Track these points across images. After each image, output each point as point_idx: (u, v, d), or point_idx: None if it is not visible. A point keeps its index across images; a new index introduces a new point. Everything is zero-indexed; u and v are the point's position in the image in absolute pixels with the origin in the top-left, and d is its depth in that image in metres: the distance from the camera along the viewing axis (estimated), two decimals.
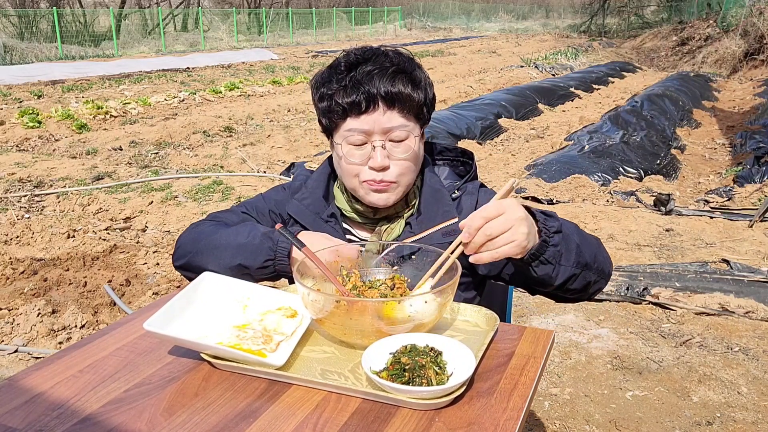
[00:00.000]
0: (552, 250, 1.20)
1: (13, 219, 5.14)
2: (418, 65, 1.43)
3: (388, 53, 1.40)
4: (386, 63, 1.36)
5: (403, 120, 1.35)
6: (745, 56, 16.73)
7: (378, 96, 1.32)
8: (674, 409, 2.88)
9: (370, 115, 1.33)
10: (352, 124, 1.35)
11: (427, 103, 1.41)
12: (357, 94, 1.32)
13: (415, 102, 1.37)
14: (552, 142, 8.12)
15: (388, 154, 1.36)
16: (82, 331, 3.49)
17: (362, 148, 1.37)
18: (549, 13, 51.09)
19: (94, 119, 9.26)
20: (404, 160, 1.37)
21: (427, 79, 1.42)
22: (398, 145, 1.36)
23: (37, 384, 1.04)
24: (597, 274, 1.31)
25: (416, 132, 1.39)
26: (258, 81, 13.67)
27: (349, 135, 1.36)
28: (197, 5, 31.44)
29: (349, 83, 1.33)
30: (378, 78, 1.32)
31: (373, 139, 1.35)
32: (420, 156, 1.45)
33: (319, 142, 8.20)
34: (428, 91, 1.41)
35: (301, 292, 1.14)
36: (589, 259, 1.28)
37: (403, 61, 1.39)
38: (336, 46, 26.77)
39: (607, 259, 1.35)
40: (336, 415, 0.95)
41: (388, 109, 1.34)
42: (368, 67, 1.34)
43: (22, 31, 21.72)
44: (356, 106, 1.33)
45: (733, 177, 6.61)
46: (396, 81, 1.33)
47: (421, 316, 1.11)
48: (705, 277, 4.04)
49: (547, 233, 1.19)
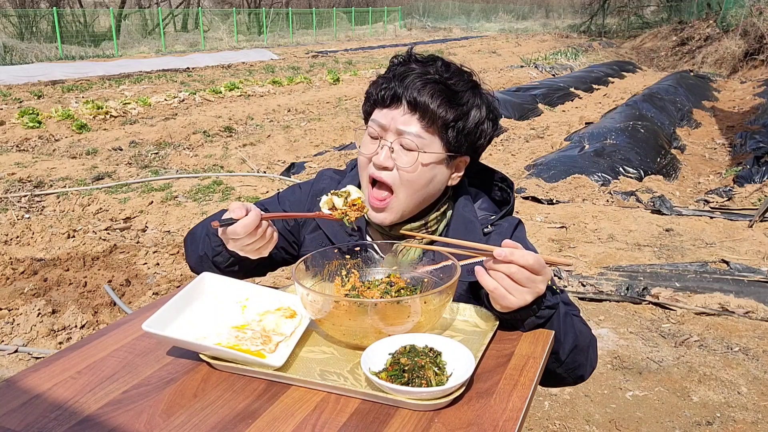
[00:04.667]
0: (533, 320, 1.19)
1: (13, 219, 5.13)
2: (478, 93, 1.34)
3: (443, 65, 1.33)
4: (431, 70, 1.30)
5: (420, 129, 1.29)
6: (745, 56, 16.73)
7: (403, 96, 1.29)
8: (674, 409, 2.87)
9: (391, 111, 1.31)
10: (376, 115, 1.34)
11: (458, 127, 1.30)
12: (388, 86, 1.31)
13: (440, 118, 1.28)
14: (552, 142, 8.12)
15: (395, 158, 1.30)
16: (82, 331, 3.48)
17: (375, 142, 1.33)
18: (549, 13, 51.08)
19: (94, 119, 9.26)
20: (405, 172, 1.30)
21: (477, 109, 1.32)
22: (406, 153, 1.30)
23: (36, 385, 1.04)
24: (564, 370, 1.28)
25: (432, 149, 1.30)
26: (258, 81, 13.67)
27: (371, 125, 1.34)
28: (197, 5, 31.44)
29: (390, 75, 1.33)
30: (412, 80, 1.28)
31: (386, 137, 1.31)
32: (433, 183, 1.34)
33: (319, 142, 8.20)
34: (469, 118, 1.31)
35: (300, 293, 1.14)
36: (562, 354, 1.24)
37: (454, 76, 1.31)
38: (336, 47, 26.77)
39: (583, 365, 1.30)
40: (335, 415, 0.95)
41: (408, 112, 1.29)
42: (413, 66, 1.32)
43: (22, 31, 21.72)
44: (382, 98, 1.32)
45: (733, 177, 6.61)
46: (426, 89, 1.27)
47: (420, 317, 1.11)
48: (705, 277, 4.04)
49: (540, 305, 1.17)
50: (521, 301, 1.13)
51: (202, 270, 1.39)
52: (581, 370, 1.31)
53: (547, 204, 5.66)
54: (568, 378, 1.31)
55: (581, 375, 1.32)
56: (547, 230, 4.97)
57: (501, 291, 1.12)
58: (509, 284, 1.12)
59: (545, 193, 5.89)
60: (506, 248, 1.11)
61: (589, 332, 1.33)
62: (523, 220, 1.46)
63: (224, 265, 1.37)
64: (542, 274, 1.12)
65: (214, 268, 1.38)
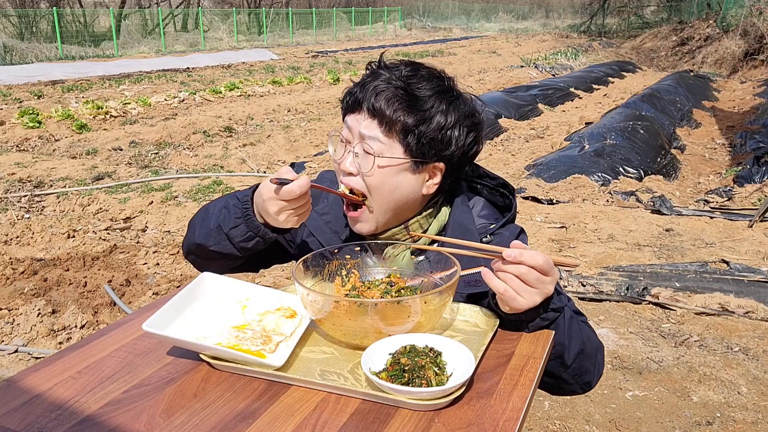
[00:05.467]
0: (539, 322, 1.18)
1: (13, 219, 5.13)
2: (441, 93, 1.30)
3: (410, 69, 1.32)
4: (395, 75, 1.29)
5: (380, 134, 1.28)
6: (745, 56, 16.73)
7: (364, 102, 1.30)
8: (674, 409, 2.87)
9: (356, 116, 1.32)
10: (345, 121, 1.35)
11: (418, 132, 1.27)
12: (353, 93, 1.33)
13: (398, 123, 1.27)
14: (552, 142, 8.12)
15: (359, 163, 1.31)
16: (82, 331, 3.48)
17: (344, 147, 1.35)
18: (549, 13, 51.09)
19: (94, 119, 9.26)
20: (367, 176, 1.29)
21: (441, 116, 1.29)
22: (365, 157, 1.29)
23: (36, 385, 1.04)
24: (571, 375, 1.27)
25: (392, 153, 1.28)
26: (258, 81, 13.67)
27: (342, 130, 1.36)
28: (197, 5, 31.45)
29: (359, 83, 1.34)
30: (374, 86, 1.29)
31: (353, 141, 1.32)
32: (399, 189, 1.31)
33: (319, 142, 8.19)
34: (430, 123, 1.28)
35: (300, 293, 1.14)
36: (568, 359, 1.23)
37: (421, 81, 1.30)
38: (336, 47, 26.77)
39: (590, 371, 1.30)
40: (335, 415, 0.95)
41: (369, 117, 1.29)
42: (381, 72, 1.31)
43: (22, 31, 21.72)
44: (348, 104, 1.34)
45: (733, 177, 6.61)
46: (384, 94, 1.27)
47: (420, 317, 1.11)
48: (705, 277, 4.04)
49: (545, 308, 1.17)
50: (530, 303, 1.12)
51: (199, 249, 1.39)
52: (588, 376, 1.30)
53: (547, 204, 5.67)
54: (575, 384, 1.30)
55: (588, 381, 1.31)
56: (547, 230, 4.97)
57: (510, 293, 1.11)
58: (518, 285, 1.11)
59: (545, 193, 5.89)
60: (515, 249, 1.11)
61: (597, 339, 1.32)
62: (523, 220, 1.46)
63: (239, 239, 1.32)
64: (551, 274, 1.12)
65: (221, 242, 1.34)
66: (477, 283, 1.29)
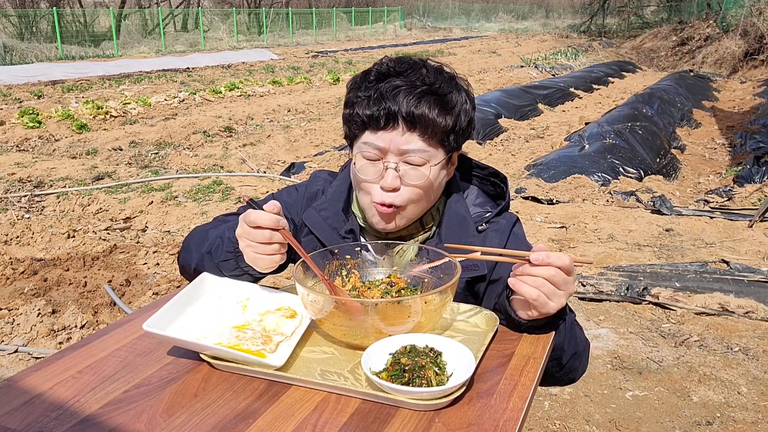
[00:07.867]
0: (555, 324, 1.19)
1: (13, 219, 5.13)
2: (459, 87, 1.30)
3: (424, 69, 1.28)
4: (417, 80, 1.25)
5: (422, 144, 1.25)
6: (744, 56, 16.74)
7: (399, 114, 1.23)
8: (674, 409, 2.87)
9: (388, 133, 1.24)
10: (369, 138, 1.27)
11: (456, 130, 1.28)
12: (378, 108, 1.24)
13: (440, 128, 1.25)
14: (552, 142, 8.12)
15: (402, 176, 1.26)
16: (82, 331, 3.49)
17: (376, 165, 1.27)
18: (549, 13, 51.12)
19: (94, 119, 9.26)
20: (416, 187, 1.27)
21: (464, 105, 1.29)
22: (414, 169, 1.26)
23: (36, 385, 1.04)
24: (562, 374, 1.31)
25: (436, 159, 1.27)
26: (258, 81, 13.67)
27: (365, 148, 1.27)
28: (197, 5, 31.44)
29: (374, 95, 1.25)
30: (403, 95, 1.22)
31: (387, 158, 1.26)
32: (438, 185, 1.33)
33: (319, 142, 8.20)
34: (461, 117, 1.28)
35: (300, 293, 1.14)
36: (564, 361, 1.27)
37: (440, 80, 1.27)
38: (336, 47, 26.77)
39: (577, 369, 1.33)
40: (335, 415, 0.95)
41: (407, 130, 1.24)
42: (398, 81, 1.24)
43: (22, 31, 21.72)
44: (375, 120, 1.25)
45: (733, 177, 6.61)
46: (422, 102, 1.22)
47: (420, 317, 1.11)
48: (705, 277, 4.04)
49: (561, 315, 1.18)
50: (559, 305, 1.11)
51: (194, 270, 1.37)
52: (575, 373, 1.34)
53: (547, 204, 5.67)
54: (563, 380, 1.34)
55: (573, 378, 1.36)
56: (547, 230, 4.97)
57: (543, 299, 1.09)
58: (549, 289, 1.09)
59: (545, 193, 5.89)
60: (541, 252, 1.09)
61: (585, 337, 1.35)
62: (523, 220, 1.46)
63: (228, 273, 1.31)
64: (573, 274, 1.11)
65: (212, 270, 1.33)
66: (475, 267, 1.32)
